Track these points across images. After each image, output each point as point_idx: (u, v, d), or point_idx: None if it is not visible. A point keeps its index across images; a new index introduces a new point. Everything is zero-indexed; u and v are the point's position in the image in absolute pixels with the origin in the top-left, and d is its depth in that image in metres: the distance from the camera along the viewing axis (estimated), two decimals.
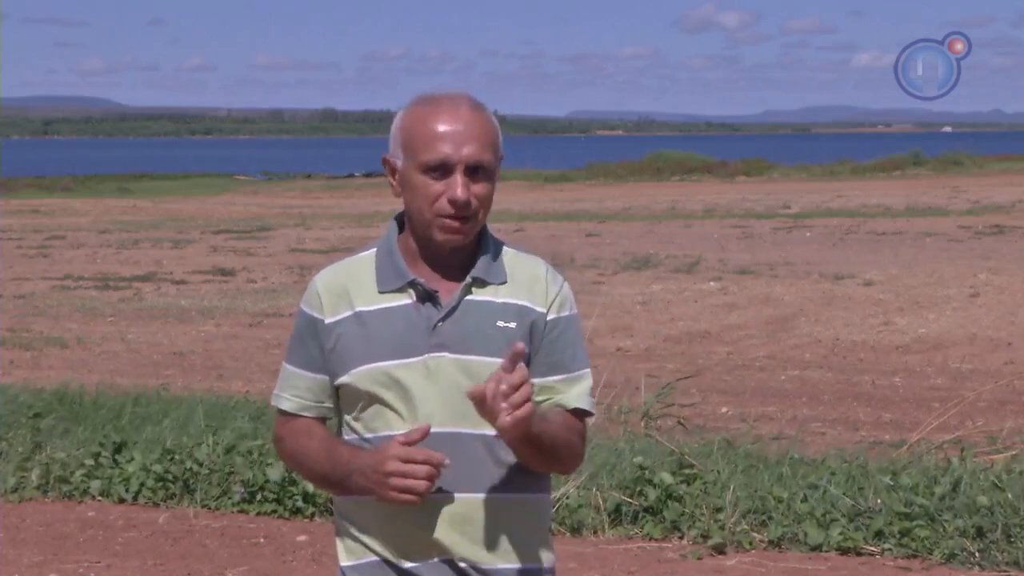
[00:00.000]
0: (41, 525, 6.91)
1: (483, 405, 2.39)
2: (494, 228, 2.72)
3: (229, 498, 7.10)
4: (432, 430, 2.53)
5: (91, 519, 7.01)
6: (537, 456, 2.58)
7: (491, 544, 2.60)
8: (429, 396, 2.57)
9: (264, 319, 16.01)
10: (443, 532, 2.57)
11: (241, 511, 7.04)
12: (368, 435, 2.62)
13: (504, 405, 2.37)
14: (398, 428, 2.57)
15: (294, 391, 2.70)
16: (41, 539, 6.69)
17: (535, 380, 2.61)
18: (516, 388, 2.38)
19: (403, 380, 2.57)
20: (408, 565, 2.60)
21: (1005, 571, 5.80)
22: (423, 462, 2.47)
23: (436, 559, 2.60)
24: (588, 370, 2.70)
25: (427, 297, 2.60)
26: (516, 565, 2.63)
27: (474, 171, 2.56)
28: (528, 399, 2.39)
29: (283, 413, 2.72)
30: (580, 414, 2.66)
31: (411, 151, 2.59)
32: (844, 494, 6.34)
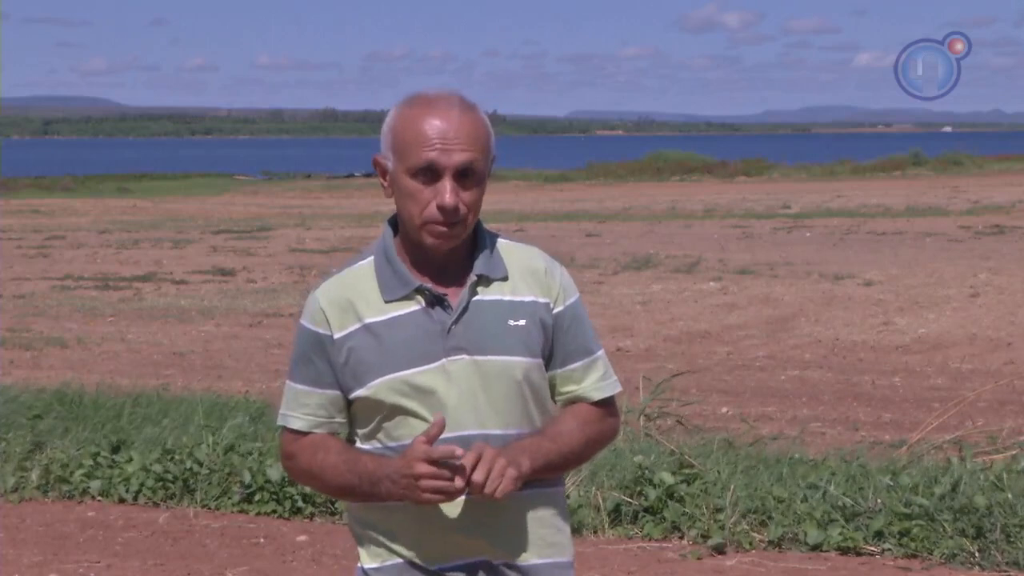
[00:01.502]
0: (41, 525, 6.91)
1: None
2: (494, 228, 2.72)
3: (229, 498, 7.10)
4: (458, 433, 2.54)
5: (91, 519, 7.01)
6: (557, 471, 2.65)
7: (522, 540, 2.62)
8: (452, 399, 2.56)
9: (264, 319, 16.01)
10: (474, 532, 2.57)
11: (241, 511, 7.04)
12: (392, 444, 2.59)
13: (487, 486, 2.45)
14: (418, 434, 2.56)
15: (305, 409, 2.65)
16: (41, 539, 6.69)
17: (556, 371, 2.67)
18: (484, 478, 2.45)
19: (425, 387, 2.55)
20: (438, 567, 2.60)
21: (1005, 571, 5.80)
22: (444, 456, 2.45)
23: (468, 560, 2.60)
24: (601, 351, 2.73)
25: (436, 301, 2.58)
26: (547, 560, 2.65)
27: (463, 175, 2.54)
28: (501, 474, 2.45)
29: (291, 431, 2.68)
30: (606, 400, 2.71)
31: (400, 154, 2.56)
32: (844, 494, 6.33)
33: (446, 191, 2.52)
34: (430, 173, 2.53)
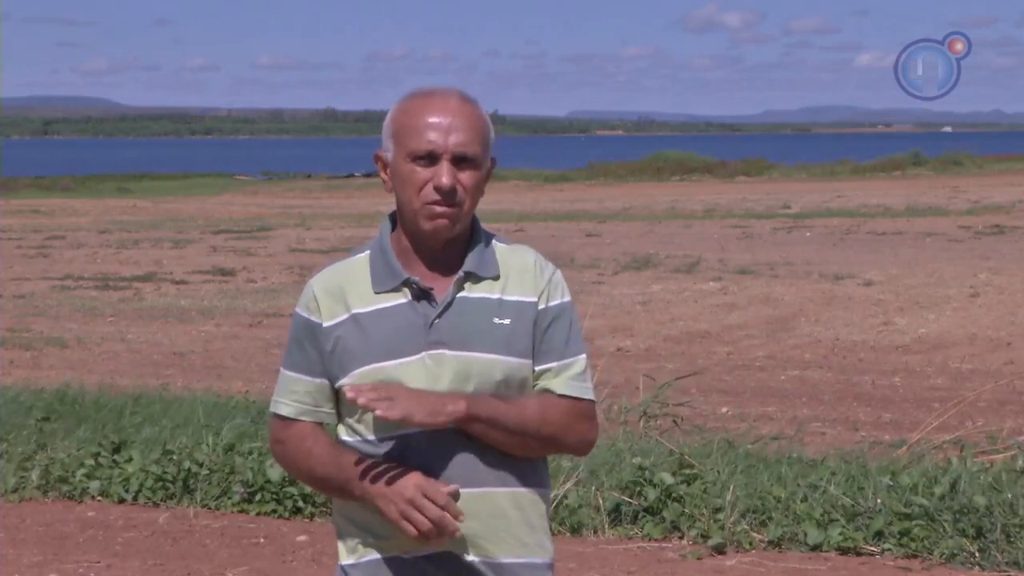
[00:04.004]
0: (41, 525, 6.91)
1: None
2: (494, 228, 2.73)
3: (229, 498, 7.10)
4: (435, 428, 2.56)
5: (91, 519, 7.01)
6: (507, 440, 2.60)
7: (496, 537, 2.62)
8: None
9: (264, 319, 16.02)
10: None
11: (241, 511, 7.04)
12: (371, 436, 2.63)
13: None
14: (407, 427, 2.58)
15: (293, 396, 2.70)
16: (41, 539, 6.69)
17: (535, 368, 2.66)
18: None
19: (402, 379, 2.57)
20: (412, 557, 2.62)
21: (1005, 571, 5.80)
22: (441, 505, 2.52)
23: (442, 554, 2.61)
24: (582, 356, 2.70)
25: (422, 295, 2.62)
26: (519, 559, 2.65)
27: (461, 161, 2.60)
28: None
29: (281, 418, 2.73)
30: (575, 398, 2.67)
31: (400, 141, 2.62)
32: (844, 494, 6.33)
33: (443, 173, 2.58)
34: (428, 157, 2.59)
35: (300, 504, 6.95)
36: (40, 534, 6.76)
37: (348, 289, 2.65)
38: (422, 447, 2.58)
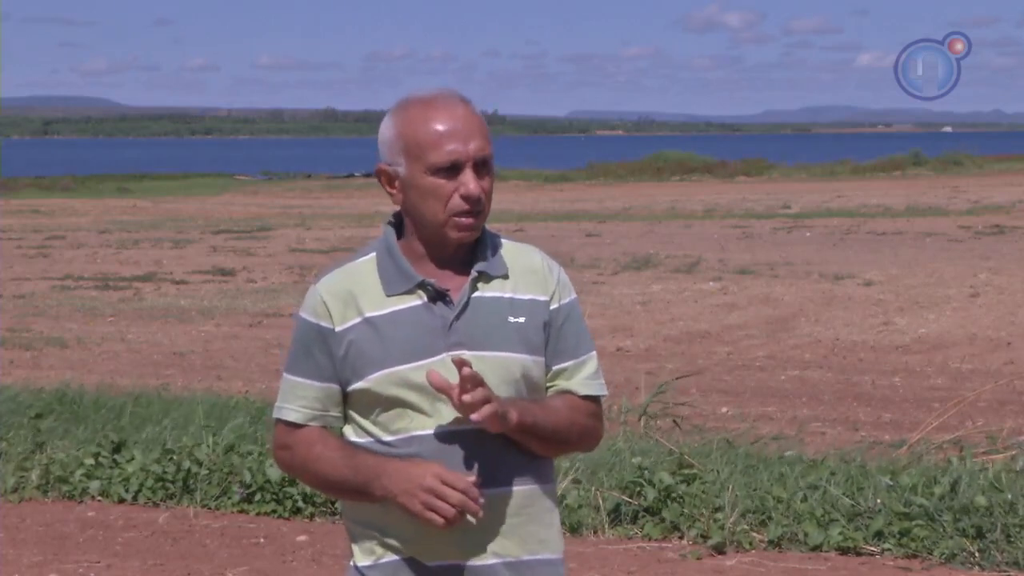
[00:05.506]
0: (41, 525, 6.91)
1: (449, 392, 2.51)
2: (494, 228, 2.74)
3: (229, 498, 7.11)
4: (455, 428, 2.58)
5: (91, 519, 7.01)
6: (543, 445, 2.64)
7: (513, 536, 2.63)
8: None
9: (264, 319, 16.02)
10: (468, 527, 2.58)
11: (241, 511, 7.04)
12: (388, 437, 2.62)
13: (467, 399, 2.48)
14: (427, 427, 2.59)
15: (301, 402, 2.67)
16: (41, 539, 6.69)
17: (548, 367, 2.68)
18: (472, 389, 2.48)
19: (423, 381, 2.56)
20: (435, 564, 2.62)
21: (1005, 571, 5.80)
22: (461, 491, 2.50)
23: (461, 561, 2.61)
24: (593, 352, 2.74)
25: (438, 296, 2.61)
26: (538, 556, 2.66)
27: (480, 165, 2.60)
28: (485, 400, 2.47)
29: (287, 424, 2.69)
30: (591, 397, 2.71)
31: (416, 155, 2.60)
32: (844, 494, 6.34)
33: (470, 181, 2.58)
34: (452, 168, 2.58)
35: (300, 504, 6.96)
36: (40, 534, 6.77)
37: (357, 292, 2.63)
38: (439, 447, 2.58)
